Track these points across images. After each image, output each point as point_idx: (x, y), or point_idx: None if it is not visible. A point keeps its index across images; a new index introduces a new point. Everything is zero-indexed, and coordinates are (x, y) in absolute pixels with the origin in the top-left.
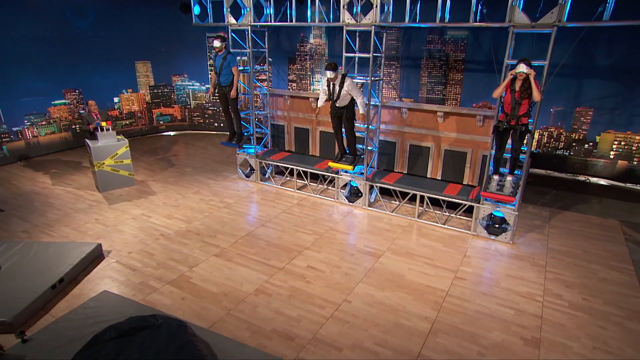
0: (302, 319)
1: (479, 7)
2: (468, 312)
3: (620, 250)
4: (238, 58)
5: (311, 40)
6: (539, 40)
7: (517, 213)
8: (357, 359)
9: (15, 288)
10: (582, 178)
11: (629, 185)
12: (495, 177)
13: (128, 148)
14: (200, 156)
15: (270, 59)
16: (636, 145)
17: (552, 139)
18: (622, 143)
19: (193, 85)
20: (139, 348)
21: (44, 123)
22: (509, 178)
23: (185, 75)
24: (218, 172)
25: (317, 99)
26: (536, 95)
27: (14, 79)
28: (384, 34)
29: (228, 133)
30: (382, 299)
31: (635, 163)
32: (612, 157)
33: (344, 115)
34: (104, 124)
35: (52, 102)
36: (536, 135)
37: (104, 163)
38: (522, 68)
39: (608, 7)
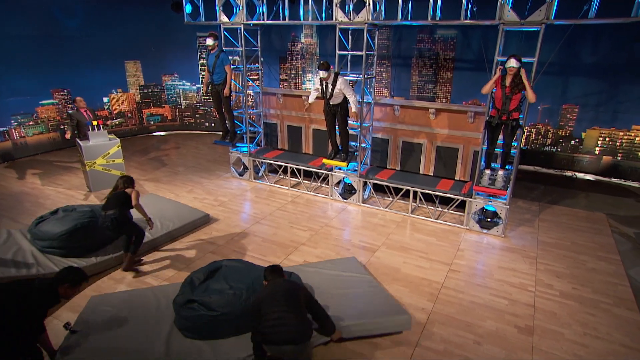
0: None
1: (469, 6)
2: (463, 302)
3: (607, 242)
4: (230, 57)
5: (302, 40)
6: (527, 38)
7: (508, 207)
8: (357, 350)
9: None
10: (569, 174)
11: (613, 180)
12: (487, 171)
13: (120, 147)
14: (192, 155)
15: (262, 59)
16: (620, 141)
17: (540, 136)
18: (607, 139)
19: (184, 85)
20: (232, 271)
21: (31, 123)
22: (501, 172)
23: (176, 75)
24: (211, 171)
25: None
26: (531, 97)
27: (0, 78)
28: (376, 32)
29: (220, 132)
30: None
31: (619, 158)
32: (597, 152)
33: (337, 112)
34: (95, 123)
35: (40, 102)
36: (525, 132)
37: (95, 162)
38: (512, 63)
39: (593, 5)
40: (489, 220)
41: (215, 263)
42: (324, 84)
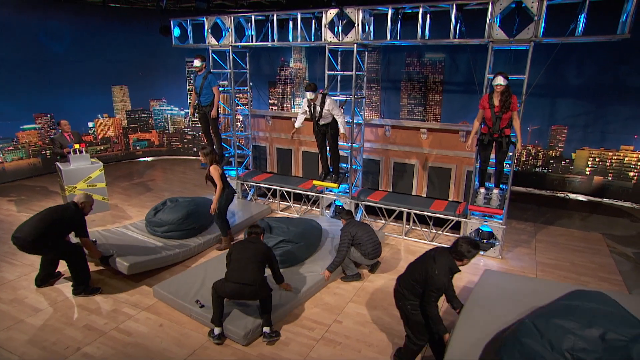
0: (290, 341)
1: (458, 25)
2: None
3: (606, 262)
4: (218, 81)
5: (291, 65)
6: (515, 60)
7: (504, 227)
8: None
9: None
10: (561, 194)
11: (605, 200)
12: (482, 190)
13: (102, 171)
14: (179, 180)
15: (251, 84)
16: (609, 161)
17: (531, 157)
18: (597, 159)
19: (172, 110)
20: (281, 223)
21: (11, 148)
22: (495, 191)
23: (164, 100)
24: (198, 195)
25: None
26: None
27: None
28: (365, 54)
29: None
30: (374, 318)
31: (610, 178)
32: (588, 173)
33: (328, 132)
34: (77, 146)
35: (21, 127)
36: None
37: (75, 187)
38: (500, 80)
39: (580, 24)
40: (485, 241)
41: (262, 222)
42: (312, 106)
